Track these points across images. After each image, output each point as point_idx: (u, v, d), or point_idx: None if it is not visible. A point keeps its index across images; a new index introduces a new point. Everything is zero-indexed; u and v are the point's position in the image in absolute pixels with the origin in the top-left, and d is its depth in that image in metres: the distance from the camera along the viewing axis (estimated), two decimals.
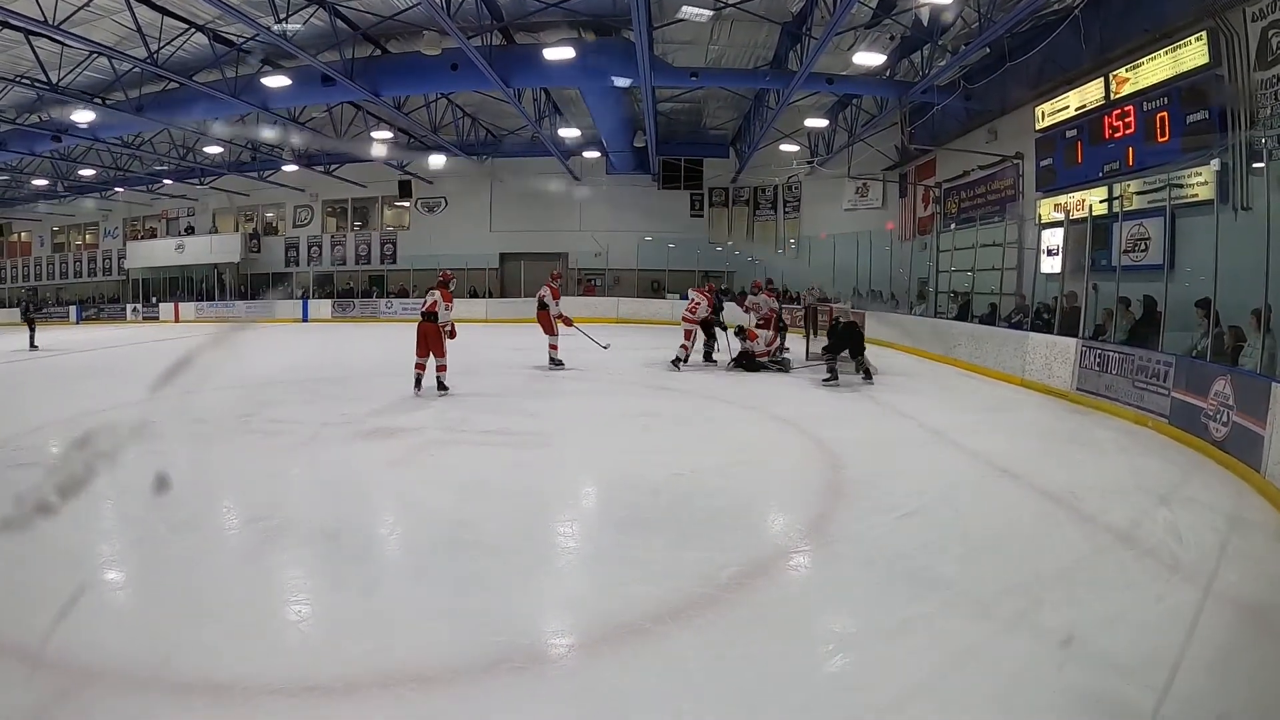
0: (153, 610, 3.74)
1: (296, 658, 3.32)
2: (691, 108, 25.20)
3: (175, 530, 4.83)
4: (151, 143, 24.81)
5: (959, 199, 19.00)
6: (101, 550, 4.67)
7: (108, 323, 31.98)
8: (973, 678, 3.25)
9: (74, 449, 1.51)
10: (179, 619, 3.62)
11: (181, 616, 3.65)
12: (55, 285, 36.64)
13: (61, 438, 7.62)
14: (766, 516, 5.62)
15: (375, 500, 5.73)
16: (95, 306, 34.02)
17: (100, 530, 5.01)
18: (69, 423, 8.30)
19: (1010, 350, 12.23)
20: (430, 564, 4.37)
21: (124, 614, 3.76)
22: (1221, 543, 4.94)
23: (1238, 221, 9.37)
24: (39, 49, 15.54)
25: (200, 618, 3.62)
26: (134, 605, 3.91)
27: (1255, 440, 6.16)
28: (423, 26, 15.54)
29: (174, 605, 3.78)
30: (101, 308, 33.84)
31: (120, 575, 4.38)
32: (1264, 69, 9.67)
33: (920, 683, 3.21)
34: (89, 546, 4.64)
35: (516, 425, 8.39)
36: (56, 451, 7.08)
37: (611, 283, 29.55)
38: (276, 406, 9.59)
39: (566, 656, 3.41)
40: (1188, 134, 10.87)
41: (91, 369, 14.50)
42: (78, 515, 5.21)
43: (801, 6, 15.01)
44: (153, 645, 3.36)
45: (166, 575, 4.19)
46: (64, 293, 36.16)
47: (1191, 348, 8.47)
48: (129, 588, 4.22)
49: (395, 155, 27.27)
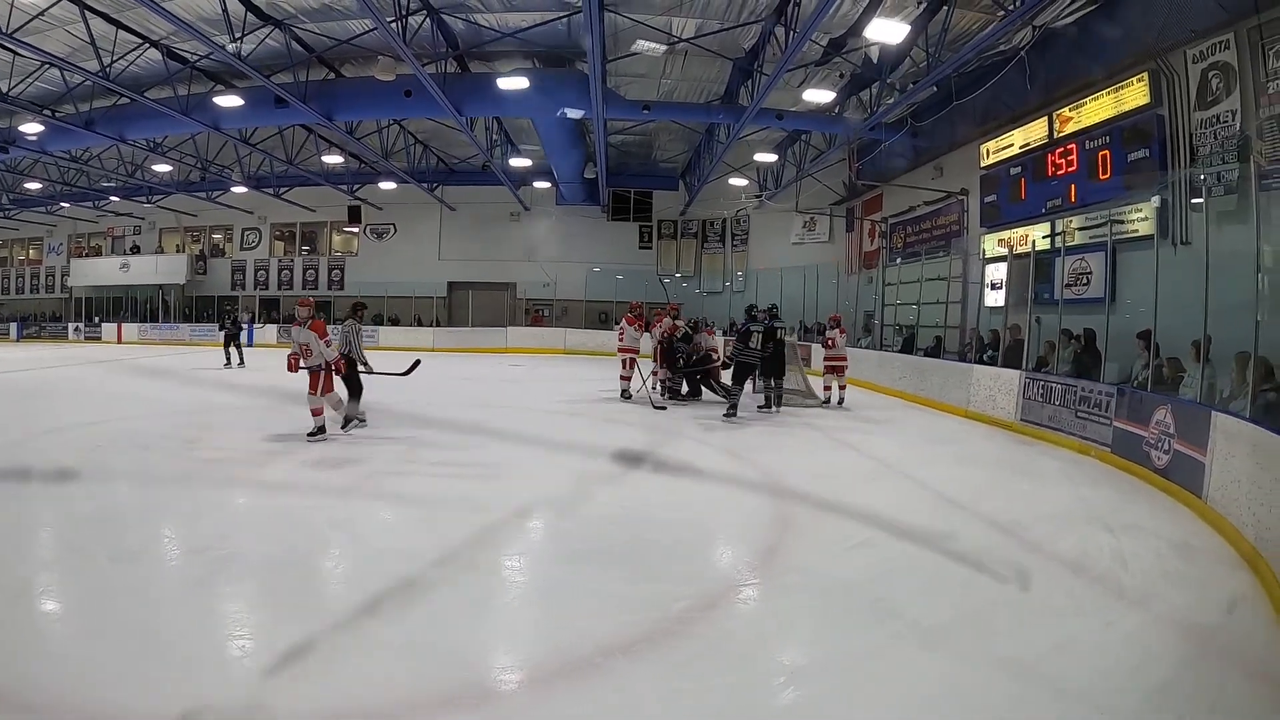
0: (93, 643, 3.56)
1: (243, 693, 3.17)
2: (642, 140, 25.45)
3: (117, 560, 4.64)
4: (100, 158, 24.30)
5: (905, 234, 19.36)
6: (41, 580, 4.47)
7: (49, 341, 31.04)
8: (925, 708, 3.23)
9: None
10: (121, 653, 3.45)
11: (124, 650, 3.47)
12: None
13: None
14: (717, 549, 5.57)
15: (324, 531, 5.55)
16: (36, 324, 33.08)
17: (39, 560, 4.84)
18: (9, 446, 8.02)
19: (955, 382, 12.44)
20: (381, 597, 4.23)
21: (63, 647, 3.57)
22: (1166, 568, 5.03)
23: (1177, 256, 9.69)
24: None
25: (144, 651, 3.46)
26: (74, 638, 3.72)
27: (1196, 467, 6.33)
28: (378, 51, 15.52)
29: (116, 638, 3.59)
30: (43, 326, 32.93)
31: (60, 607, 4.17)
32: (1203, 109, 10.04)
33: (873, 715, 3.19)
34: (29, 576, 4.46)
35: (467, 457, 8.26)
36: None
37: (560, 313, 29.55)
38: (222, 433, 9.36)
39: (519, 691, 3.32)
40: (1129, 171, 11.22)
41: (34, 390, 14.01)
42: (17, 544, 5.02)
43: (754, 43, 15.28)
44: (94, 680, 3.19)
45: (108, 607, 3.99)
46: (4, 309, 35.12)
47: (1132, 378, 8.68)
48: (69, 620, 4.02)
49: (346, 180, 27.07)
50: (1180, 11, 10.16)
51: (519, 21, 15.03)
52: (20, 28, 13.03)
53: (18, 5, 12.67)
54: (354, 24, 15.10)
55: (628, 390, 12.81)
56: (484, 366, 19.41)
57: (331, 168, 25.69)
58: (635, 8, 14.08)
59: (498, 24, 15.17)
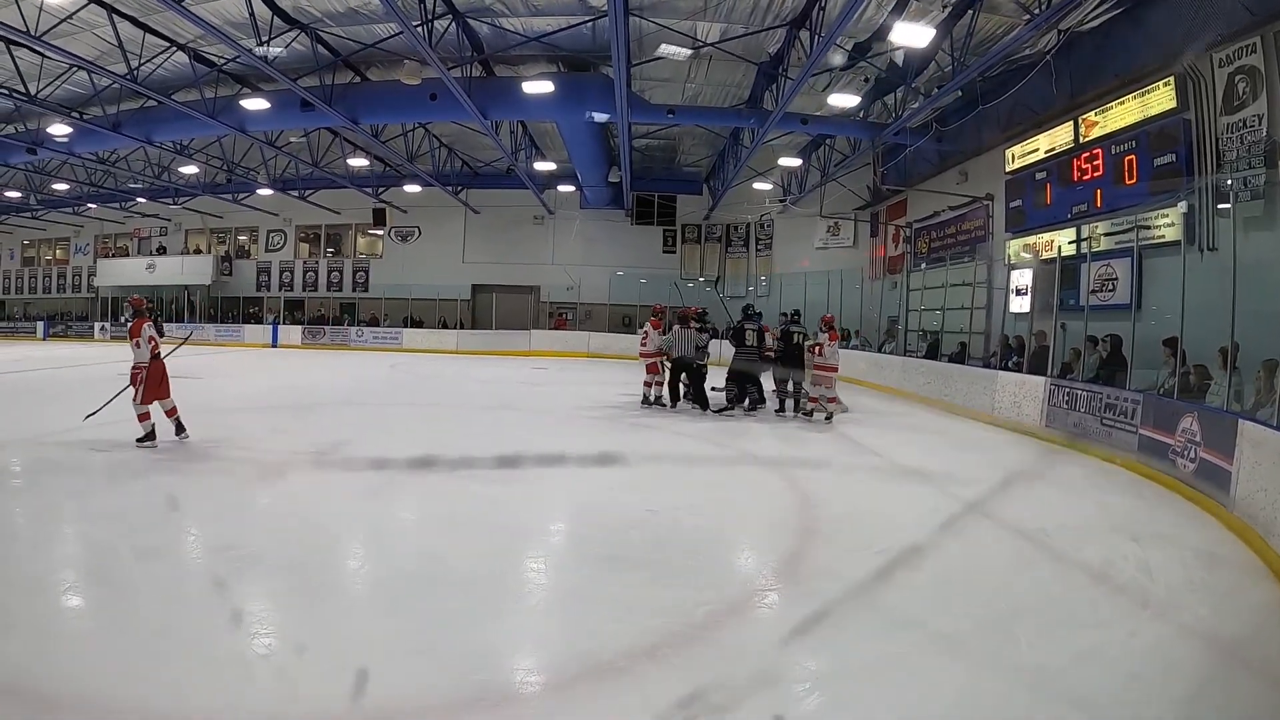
0: (117, 640, 3.62)
1: (266, 693, 3.21)
2: (666, 144, 25.48)
3: (141, 558, 4.71)
4: (126, 160, 24.63)
5: (929, 239, 19.25)
6: (65, 576, 4.55)
7: (75, 340, 31.49)
8: (946, 716, 3.23)
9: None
10: (145, 650, 3.50)
11: (147, 648, 3.52)
12: (23, 300, 36.21)
13: (23, 459, 7.48)
14: (740, 554, 5.58)
15: (346, 533, 5.61)
16: (63, 323, 33.57)
17: (64, 555, 4.90)
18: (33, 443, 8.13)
19: (980, 389, 12.36)
20: (402, 599, 4.28)
21: (87, 643, 3.63)
22: (1191, 578, 4.99)
23: (1204, 262, 9.58)
24: (19, 59, 15.43)
25: (167, 650, 3.50)
26: (98, 634, 3.79)
27: (1223, 476, 6.27)
28: (403, 55, 15.61)
29: (139, 636, 3.65)
30: (70, 325, 33.39)
31: (84, 603, 4.25)
32: (1230, 113, 9.93)
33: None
34: (51, 572, 4.53)
35: (488, 459, 8.29)
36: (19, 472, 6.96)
37: (583, 316, 29.62)
38: (246, 434, 9.43)
39: (541, 695, 3.34)
40: (1155, 177, 11.11)
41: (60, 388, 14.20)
42: (40, 540, 5.12)
43: (778, 48, 15.26)
44: (117, 676, 3.24)
45: (132, 605, 4.05)
46: (31, 308, 35.78)
47: (1159, 385, 8.61)
48: (93, 616, 4.09)
49: (370, 183, 27.30)
50: (1206, 15, 10.05)
51: (544, 26, 15.10)
52: (49, 30, 13.20)
53: (46, 8, 12.86)
54: (379, 28, 15.21)
55: (648, 396, 12.58)
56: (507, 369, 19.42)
57: (356, 170, 25.94)
58: (660, 12, 14.11)
59: (522, 28, 15.25)
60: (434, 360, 24.08)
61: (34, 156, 20.92)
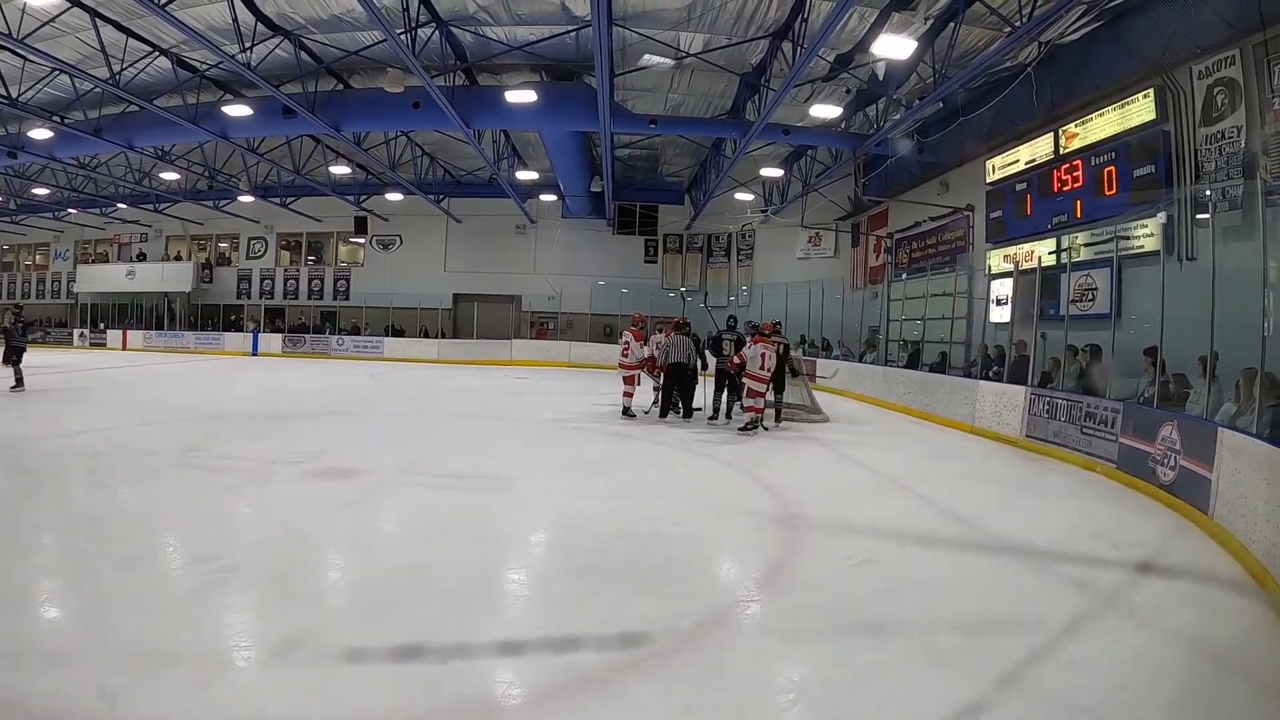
0: (96, 652, 3.55)
1: (247, 704, 3.15)
2: (649, 154, 25.54)
3: (120, 568, 4.63)
4: (108, 165, 24.45)
5: (910, 249, 19.38)
6: (43, 587, 4.46)
7: (54, 347, 31.06)
8: None
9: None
10: (124, 662, 3.43)
11: (126, 659, 3.46)
12: (0, 305, 35.59)
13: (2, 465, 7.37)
14: (723, 564, 5.53)
15: (328, 542, 5.54)
16: (42, 330, 33.08)
17: (42, 566, 4.82)
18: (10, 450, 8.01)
19: (960, 398, 12.42)
20: (383, 610, 4.22)
21: (65, 654, 3.56)
22: (1174, 585, 5.01)
23: (1183, 272, 9.69)
24: (0, 62, 15.31)
25: (146, 661, 3.44)
26: (76, 646, 3.70)
27: (1202, 484, 6.31)
28: (387, 63, 15.56)
29: (118, 647, 3.57)
30: (48, 331, 32.99)
31: (62, 614, 4.16)
32: (1209, 125, 10.06)
33: None
34: (30, 582, 4.45)
35: (471, 468, 8.25)
36: None
37: (565, 326, 29.61)
38: (227, 442, 9.33)
39: (524, 707, 3.29)
40: (1135, 188, 11.23)
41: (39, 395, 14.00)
42: (19, 549, 5.02)
43: (761, 58, 15.34)
44: (95, 689, 3.17)
45: (111, 615, 3.97)
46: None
47: (1138, 394, 8.67)
48: (71, 627, 4.01)
49: (352, 191, 27.19)
50: (1186, 28, 10.18)
51: (527, 35, 15.09)
52: (31, 33, 13.09)
53: (29, 11, 12.75)
54: (363, 35, 15.17)
55: (628, 407, 12.34)
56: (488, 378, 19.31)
57: (339, 178, 25.81)
58: (644, 22, 14.14)
59: (506, 37, 15.23)
60: (415, 369, 23.95)
61: (14, 160, 20.70)
